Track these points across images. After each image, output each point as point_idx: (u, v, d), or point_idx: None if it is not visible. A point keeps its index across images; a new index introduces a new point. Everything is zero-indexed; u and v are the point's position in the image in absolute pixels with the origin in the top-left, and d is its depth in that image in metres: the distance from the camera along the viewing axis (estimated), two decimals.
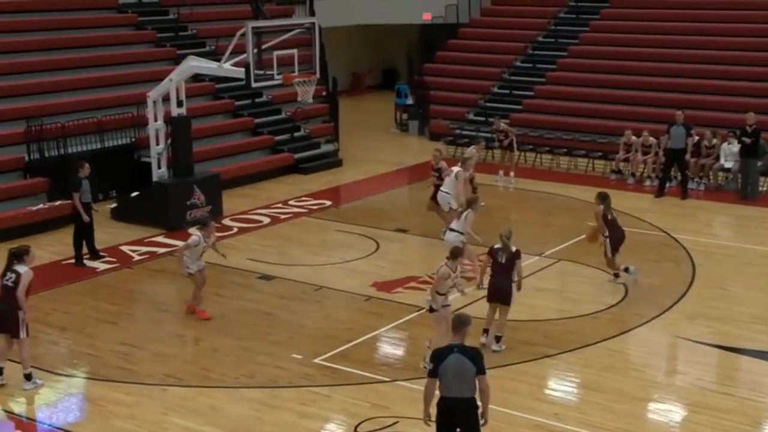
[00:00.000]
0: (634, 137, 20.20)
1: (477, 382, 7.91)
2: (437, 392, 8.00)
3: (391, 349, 11.76)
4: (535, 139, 22.29)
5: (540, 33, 26.38)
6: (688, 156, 19.11)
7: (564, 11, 26.94)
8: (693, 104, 21.36)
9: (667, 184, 19.22)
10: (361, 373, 10.84)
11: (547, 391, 10.66)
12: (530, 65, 25.47)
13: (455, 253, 11.03)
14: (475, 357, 7.92)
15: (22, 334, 10.43)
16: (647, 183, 19.92)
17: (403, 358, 11.44)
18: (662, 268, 14.74)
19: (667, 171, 19.25)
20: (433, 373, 7.96)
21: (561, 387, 10.80)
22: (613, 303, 13.09)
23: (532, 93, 24.42)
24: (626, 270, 13.48)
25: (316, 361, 11.19)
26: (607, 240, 13.34)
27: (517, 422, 9.70)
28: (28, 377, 10.53)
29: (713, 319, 12.55)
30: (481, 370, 7.90)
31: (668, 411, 10.20)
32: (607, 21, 25.87)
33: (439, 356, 7.95)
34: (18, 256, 10.54)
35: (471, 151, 18.14)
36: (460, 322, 8.14)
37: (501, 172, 20.39)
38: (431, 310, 10.90)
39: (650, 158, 20.01)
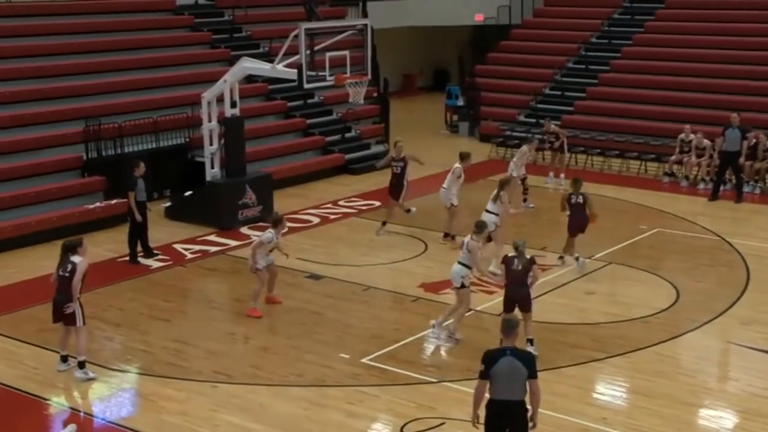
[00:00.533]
0: (692, 135, 19.88)
1: (528, 386, 7.91)
2: (486, 394, 8.01)
3: (437, 349, 11.78)
4: (587, 141, 22.12)
5: (593, 34, 26.16)
6: (742, 159, 18.83)
7: (618, 12, 26.68)
8: (750, 106, 21.02)
9: (722, 188, 18.94)
10: (408, 373, 10.89)
11: (596, 395, 10.59)
12: (583, 66, 25.28)
13: (480, 227, 11.62)
14: (527, 360, 7.93)
15: (79, 323, 10.70)
16: (701, 186, 19.64)
17: (450, 359, 11.45)
18: (715, 272, 14.55)
19: (722, 174, 18.96)
20: (484, 375, 7.93)
21: (609, 391, 10.72)
22: (664, 307, 12.95)
23: (584, 94, 24.23)
24: (576, 258, 14.23)
25: (364, 360, 11.26)
26: (569, 219, 14.12)
27: (565, 426, 9.66)
28: (81, 365, 10.76)
29: (767, 325, 12.35)
30: (533, 374, 7.89)
31: (719, 417, 10.06)
32: (662, 22, 25.54)
33: (491, 358, 7.92)
34: (72, 248, 10.80)
35: (524, 149, 18.10)
36: (510, 326, 8.14)
37: (551, 174, 20.28)
38: (462, 286, 11.47)
39: (704, 161, 19.73)
